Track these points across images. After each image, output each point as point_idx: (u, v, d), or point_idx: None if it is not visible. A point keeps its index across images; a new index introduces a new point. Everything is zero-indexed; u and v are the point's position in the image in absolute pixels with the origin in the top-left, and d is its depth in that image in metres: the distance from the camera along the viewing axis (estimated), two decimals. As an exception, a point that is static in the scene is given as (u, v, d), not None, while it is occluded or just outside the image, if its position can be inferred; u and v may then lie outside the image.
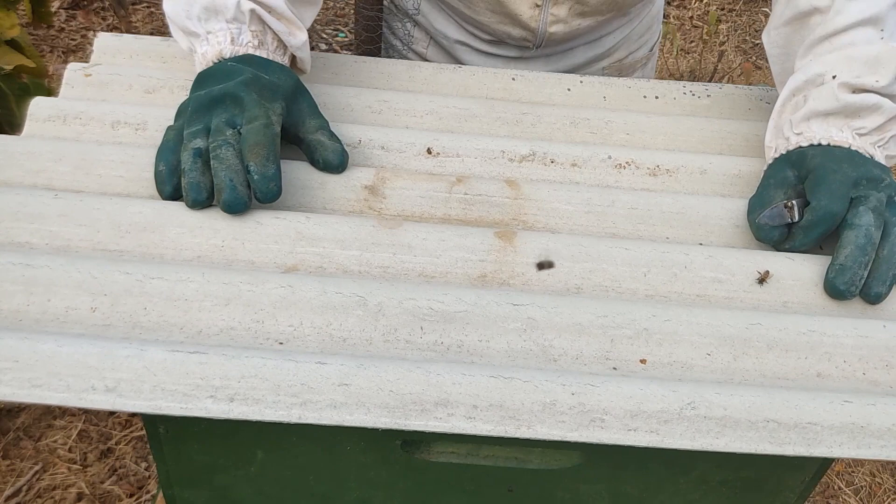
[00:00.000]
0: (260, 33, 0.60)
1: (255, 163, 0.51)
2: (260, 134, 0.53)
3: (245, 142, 0.53)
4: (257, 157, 0.52)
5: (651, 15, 0.92)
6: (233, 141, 0.53)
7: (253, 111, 0.54)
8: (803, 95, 0.60)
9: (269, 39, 0.61)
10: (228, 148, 0.52)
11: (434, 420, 0.44)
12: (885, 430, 0.46)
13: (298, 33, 0.63)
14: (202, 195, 0.52)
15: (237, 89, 0.55)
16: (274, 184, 0.52)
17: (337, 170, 0.58)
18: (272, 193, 0.52)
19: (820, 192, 0.55)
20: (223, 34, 0.59)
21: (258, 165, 0.51)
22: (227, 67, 0.58)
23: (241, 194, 0.51)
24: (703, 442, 0.45)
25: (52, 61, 2.27)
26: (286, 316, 0.48)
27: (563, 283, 0.53)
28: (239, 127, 0.54)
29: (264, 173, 0.51)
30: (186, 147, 0.53)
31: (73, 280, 0.47)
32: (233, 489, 0.58)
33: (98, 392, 0.42)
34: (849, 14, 0.59)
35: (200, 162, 0.53)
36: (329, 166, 0.57)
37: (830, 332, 0.51)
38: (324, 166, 0.58)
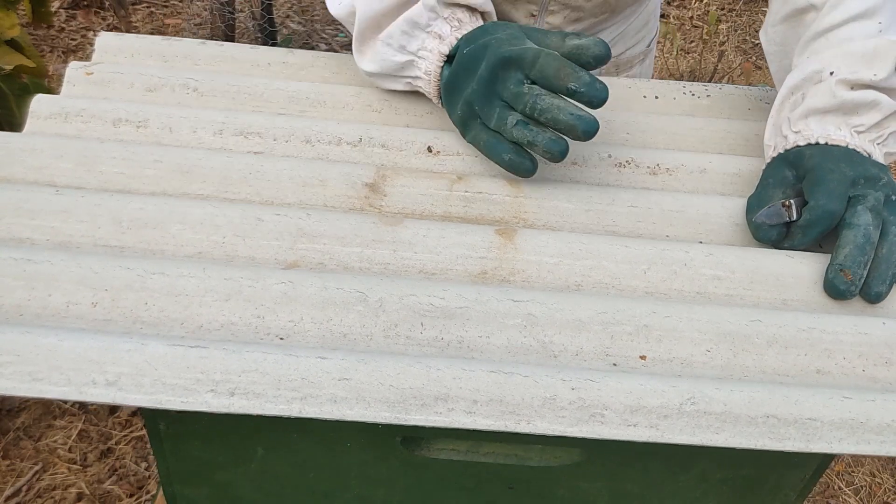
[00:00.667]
0: (452, 14, 0.61)
1: (572, 81, 0.53)
2: (551, 62, 0.54)
3: (546, 78, 0.54)
4: (569, 76, 0.53)
5: (647, 11, 0.92)
6: (538, 91, 0.55)
7: (526, 56, 0.55)
8: (801, 93, 0.61)
9: (462, 14, 0.62)
10: (542, 96, 0.54)
11: (434, 415, 0.44)
12: (884, 425, 0.46)
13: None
14: (562, 145, 0.55)
15: (498, 57, 0.56)
16: (599, 84, 0.53)
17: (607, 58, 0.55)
18: (603, 92, 0.53)
19: (818, 192, 0.55)
20: (429, 40, 0.61)
21: (575, 81, 0.53)
22: (462, 59, 0.59)
23: (587, 118, 0.53)
24: (702, 437, 0.45)
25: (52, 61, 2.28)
26: (287, 311, 0.48)
27: (564, 279, 0.53)
28: (527, 80, 0.55)
29: (584, 82, 0.53)
30: (506, 128, 0.56)
31: (74, 275, 0.47)
32: (233, 486, 0.58)
33: (99, 386, 0.42)
34: (844, 9, 0.59)
35: (532, 125, 0.55)
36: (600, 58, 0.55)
37: (830, 328, 0.51)
38: (596, 62, 0.56)
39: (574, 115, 0.53)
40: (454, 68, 0.60)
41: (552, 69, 0.54)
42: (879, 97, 0.57)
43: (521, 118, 0.56)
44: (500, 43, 0.57)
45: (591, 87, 0.53)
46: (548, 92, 0.55)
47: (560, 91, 0.54)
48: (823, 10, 0.61)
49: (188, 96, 0.67)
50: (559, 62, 0.54)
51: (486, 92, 0.57)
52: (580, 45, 0.56)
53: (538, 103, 0.54)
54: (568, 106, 0.54)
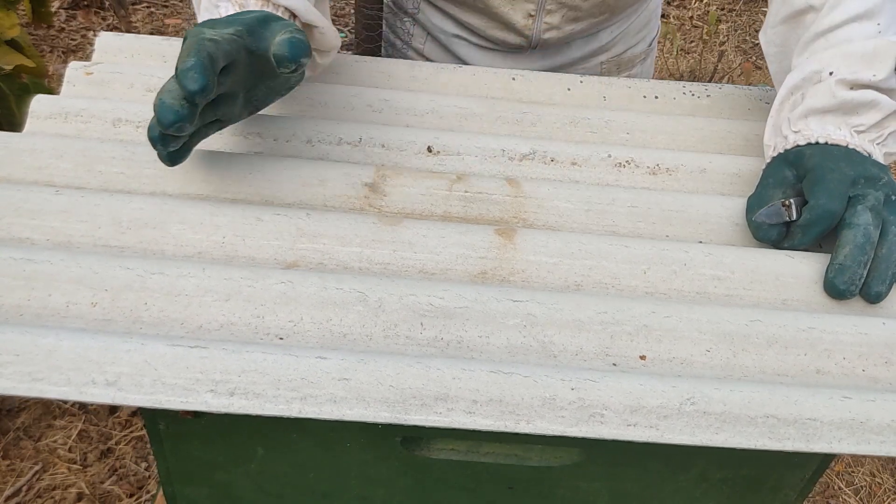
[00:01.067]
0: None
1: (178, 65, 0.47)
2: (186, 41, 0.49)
3: None
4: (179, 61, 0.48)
5: (649, 10, 0.92)
6: None
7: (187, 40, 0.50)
8: (801, 93, 0.61)
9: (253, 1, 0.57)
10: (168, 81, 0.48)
11: (434, 415, 0.44)
12: (884, 425, 0.46)
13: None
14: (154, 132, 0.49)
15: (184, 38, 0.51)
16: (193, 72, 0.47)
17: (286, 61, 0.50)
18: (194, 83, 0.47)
19: (818, 191, 0.55)
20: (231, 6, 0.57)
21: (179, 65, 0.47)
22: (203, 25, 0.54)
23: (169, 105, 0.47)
24: (702, 437, 0.45)
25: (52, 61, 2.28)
26: (286, 311, 0.48)
27: (563, 279, 0.53)
28: None
29: (183, 67, 0.47)
30: None
31: (74, 275, 0.47)
32: (233, 486, 0.58)
33: (98, 386, 0.42)
34: (843, 10, 0.59)
35: None
36: (279, 59, 0.50)
37: (830, 328, 0.51)
38: (276, 62, 0.51)
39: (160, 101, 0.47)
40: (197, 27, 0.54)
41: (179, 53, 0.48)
42: (879, 97, 0.57)
43: None
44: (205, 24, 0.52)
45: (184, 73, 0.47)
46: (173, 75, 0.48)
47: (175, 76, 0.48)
48: (822, 11, 0.61)
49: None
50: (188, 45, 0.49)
51: None
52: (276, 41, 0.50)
53: None
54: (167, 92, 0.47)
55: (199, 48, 0.48)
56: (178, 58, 0.48)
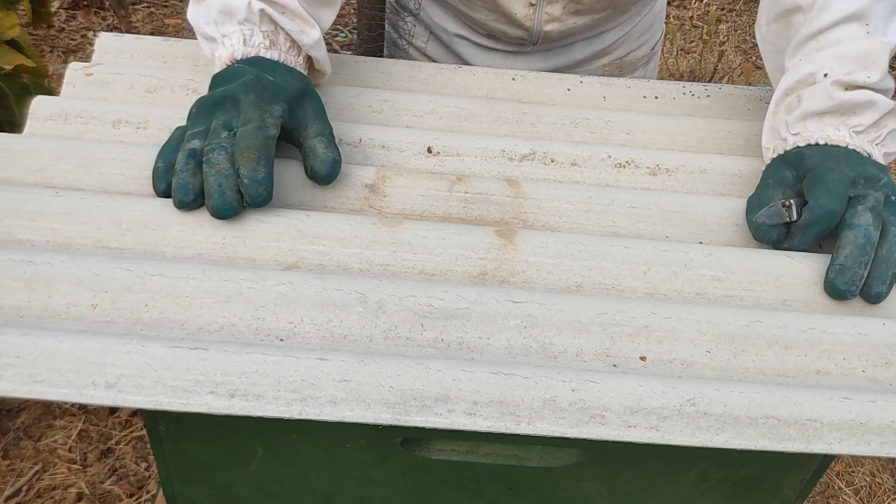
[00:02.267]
0: (271, 33, 0.60)
1: (245, 166, 0.50)
2: (252, 136, 0.52)
3: (237, 145, 0.52)
4: (247, 161, 0.51)
5: (652, 13, 0.92)
6: (226, 144, 0.52)
7: (248, 113, 0.53)
8: (796, 95, 0.61)
9: (282, 40, 0.60)
10: (220, 151, 0.51)
11: (434, 416, 0.44)
12: (884, 426, 0.46)
13: (311, 31, 0.61)
14: (189, 196, 0.51)
15: (237, 91, 0.54)
16: (263, 188, 0.51)
17: (323, 180, 0.55)
18: (261, 198, 0.51)
19: (818, 192, 0.55)
20: (236, 36, 0.59)
21: (248, 169, 0.50)
22: (234, 70, 0.57)
23: (229, 199, 0.51)
24: (702, 438, 0.45)
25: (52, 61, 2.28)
26: (287, 313, 0.48)
27: (564, 280, 0.53)
28: (235, 130, 0.53)
29: (254, 177, 0.51)
30: (183, 147, 0.53)
31: (74, 277, 0.47)
32: (233, 487, 0.58)
33: (99, 388, 0.42)
34: (833, 11, 0.59)
35: (193, 163, 0.52)
36: (316, 176, 0.55)
37: (830, 329, 0.51)
38: (311, 175, 0.56)
39: (220, 187, 0.50)
40: (223, 72, 0.58)
41: (245, 142, 0.51)
42: (875, 97, 0.57)
43: (197, 149, 0.52)
44: (257, 82, 0.55)
45: (252, 185, 0.50)
46: (230, 156, 0.52)
47: (234, 163, 0.51)
48: (812, 12, 0.61)
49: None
50: (257, 141, 0.51)
51: (209, 106, 0.55)
52: (312, 148, 0.55)
53: (214, 153, 0.51)
54: (226, 178, 0.51)
55: (267, 153, 0.52)
56: (244, 151, 0.51)
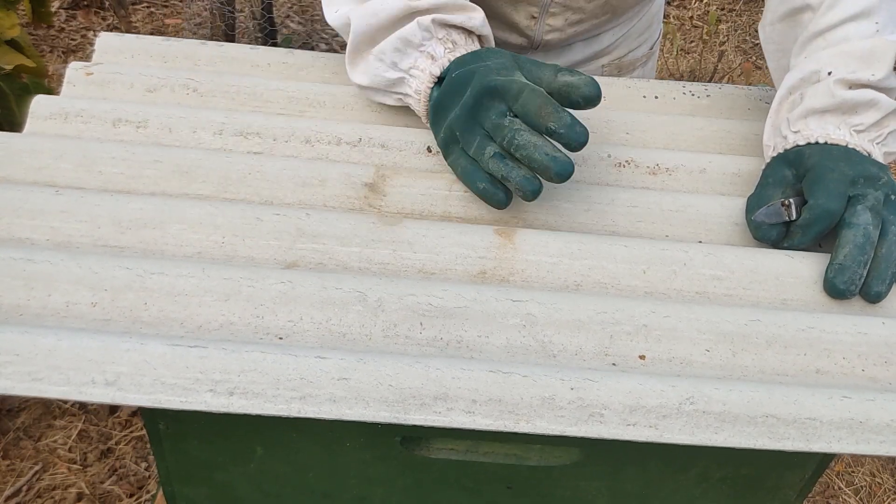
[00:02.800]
0: (447, 36, 0.60)
1: (552, 120, 0.52)
2: (534, 98, 0.53)
3: (527, 114, 0.53)
4: (550, 116, 0.52)
5: (651, 13, 0.92)
6: (518, 125, 0.53)
7: (511, 88, 0.54)
8: (800, 93, 0.61)
9: (457, 36, 0.61)
10: (521, 132, 0.53)
11: (433, 414, 0.44)
12: (883, 425, 0.46)
13: (475, 14, 0.62)
14: (535, 184, 0.53)
15: (484, 86, 0.55)
16: (579, 126, 0.52)
17: (596, 99, 0.54)
18: (583, 135, 0.52)
19: (817, 191, 0.55)
20: (422, 60, 0.60)
21: (556, 121, 0.52)
22: (451, 83, 0.58)
23: (563, 159, 0.52)
24: (701, 437, 0.45)
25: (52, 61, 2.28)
26: (286, 311, 0.48)
27: (563, 279, 0.53)
28: (510, 112, 0.54)
29: (564, 123, 0.51)
30: (483, 159, 0.55)
31: (74, 275, 0.47)
32: (232, 486, 0.58)
33: (98, 386, 0.42)
34: (841, 9, 0.60)
35: (509, 159, 0.54)
36: (589, 98, 0.54)
37: (829, 328, 0.51)
38: (584, 102, 0.54)
39: (549, 155, 0.52)
40: (442, 90, 0.59)
41: (534, 106, 0.53)
42: (878, 96, 0.57)
43: (499, 150, 0.54)
44: (489, 71, 0.56)
45: (571, 129, 0.52)
46: (528, 128, 0.53)
47: (540, 129, 0.53)
48: (820, 10, 0.61)
49: (188, 96, 0.67)
50: (542, 99, 0.53)
51: (468, 119, 0.56)
52: (570, 84, 0.54)
53: (516, 138, 0.53)
54: (545, 145, 0.52)
55: (555, 103, 0.53)
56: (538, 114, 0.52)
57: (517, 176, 0.53)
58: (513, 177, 0.53)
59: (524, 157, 0.53)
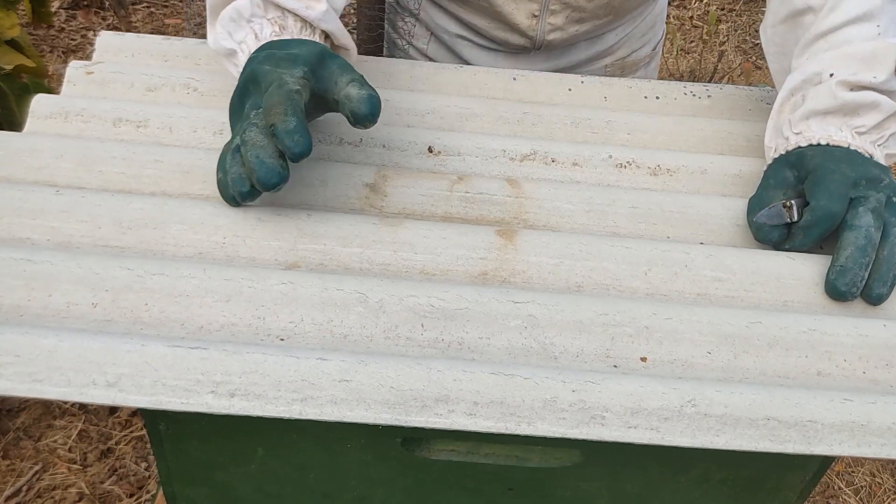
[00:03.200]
0: (279, 19, 0.58)
1: (276, 122, 0.48)
2: (273, 95, 0.49)
3: (264, 110, 0.49)
4: (275, 117, 0.48)
5: (654, 14, 0.92)
6: (256, 121, 0.50)
7: (266, 80, 0.51)
8: (801, 95, 0.61)
9: (291, 23, 0.58)
10: (252, 128, 0.49)
11: (434, 416, 0.44)
12: (885, 428, 0.46)
13: (316, 5, 0.58)
14: (246, 186, 0.50)
15: (249, 73, 0.53)
16: (298, 135, 0.47)
17: (367, 119, 0.51)
18: (299, 147, 0.47)
19: (819, 193, 0.55)
20: (248, 36, 0.58)
21: (278, 123, 0.47)
22: (249, 61, 0.56)
23: (270, 165, 0.47)
24: (702, 439, 0.45)
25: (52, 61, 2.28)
26: (287, 312, 0.48)
27: (564, 280, 0.53)
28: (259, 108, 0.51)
29: (285, 128, 0.47)
30: (227, 150, 0.52)
31: (75, 275, 0.47)
32: (233, 486, 0.58)
33: (99, 387, 0.42)
34: (843, 11, 0.59)
35: (239, 156, 0.50)
36: (358, 118, 0.51)
37: (831, 330, 0.51)
38: (355, 120, 0.51)
39: (259, 159, 0.47)
40: (243, 70, 0.55)
41: (270, 102, 0.49)
42: (880, 98, 0.57)
43: (239, 143, 0.50)
44: (268, 59, 0.52)
45: (289, 136, 0.47)
46: (265, 126, 0.49)
47: (268, 128, 0.48)
48: (822, 12, 0.61)
49: (188, 96, 0.67)
50: (279, 97, 0.48)
51: (238, 104, 0.53)
52: (347, 96, 0.51)
53: (246, 133, 0.49)
54: (264, 148, 0.48)
55: (293, 104, 0.49)
56: (269, 111, 0.48)
57: (234, 174, 0.50)
58: (230, 174, 0.50)
59: (243, 154, 0.49)
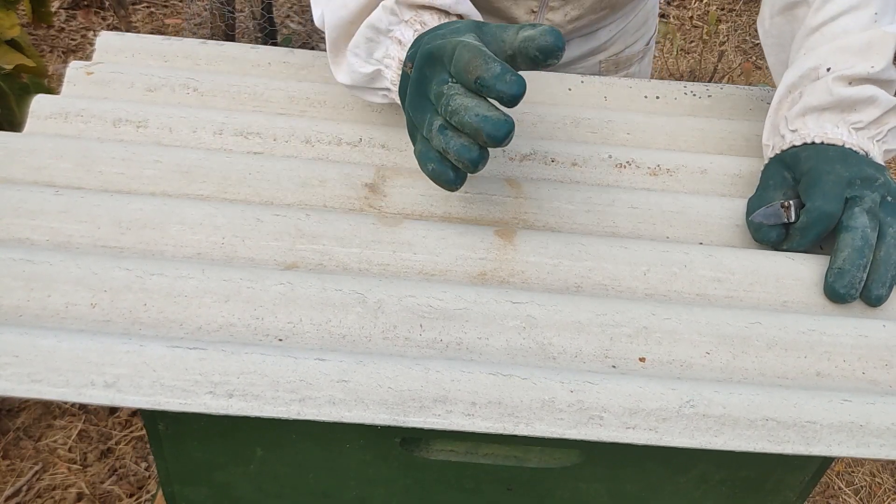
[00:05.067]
0: (416, 17, 0.55)
1: (480, 73, 0.45)
2: (462, 56, 0.46)
3: (459, 73, 0.47)
4: (477, 69, 0.45)
5: (646, 10, 0.92)
6: (455, 89, 0.47)
7: (447, 51, 0.48)
8: (799, 91, 0.60)
9: (428, 17, 0.55)
10: (454, 96, 0.47)
11: (433, 417, 0.44)
12: (884, 429, 0.46)
13: None
14: (474, 151, 0.47)
15: (423, 54, 0.50)
16: (509, 75, 0.45)
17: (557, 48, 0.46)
18: (515, 85, 0.45)
19: (814, 194, 0.55)
20: (392, 47, 0.56)
21: (484, 73, 0.45)
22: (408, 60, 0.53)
23: (495, 117, 0.45)
24: (701, 440, 0.45)
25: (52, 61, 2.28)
26: (286, 313, 0.48)
27: (563, 281, 0.53)
28: (450, 77, 0.48)
29: (492, 74, 0.45)
30: (431, 134, 0.49)
31: (74, 276, 0.47)
32: (232, 487, 0.58)
33: (97, 387, 0.42)
34: (837, 2, 0.59)
35: (449, 130, 0.48)
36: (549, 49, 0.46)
37: (830, 331, 0.51)
38: (544, 55, 0.47)
39: (480, 115, 0.45)
40: (401, 76, 0.54)
41: (463, 61, 0.46)
42: (877, 92, 0.57)
43: (443, 122, 0.48)
44: (433, 39, 0.50)
45: (500, 79, 0.44)
46: (465, 90, 0.47)
47: (472, 87, 0.46)
48: (815, 3, 0.61)
49: (188, 96, 0.67)
50: (471, 52, 0.46)
51: (416, 95, 0.51)
52: (528, 37, 0.47)
53: (450, 104, 0.47)
54: (478, 105, 0.46)
55: (486, 53, 0.46)
56: (467, 68, 0.46)
57: (455, 146, 0.47)
58: (451, 147, 0.47)
59: (458, 122, 0.46)
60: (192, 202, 0.53)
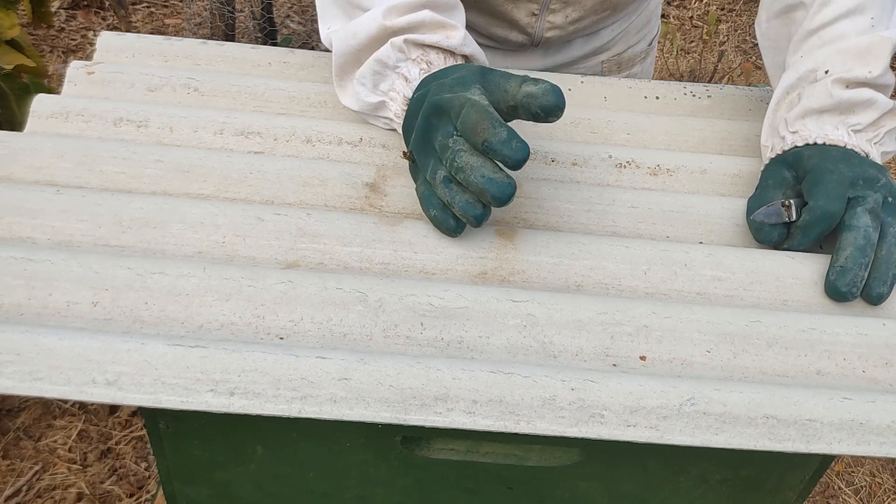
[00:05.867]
0: (423, 56, 0.58)
1: (487, 137, 0.48)
2: (470, 115, 0.49)
3: (466, 132, 0.49)
4: (484, 132, 0.48)
5: (649, 10, 0.92)
6: (461, 145, 0.50)
7: (454, 105, 0.51)
8: (797, 93, 0.61)
9: (434, 56, 0.59)
10: (460, 153, 0.49)
11: (434, 415, 0.44)
12: (884, 427, 0.46)
13: (454, 33, 0.59)
14: (478, 208, 0.50)
15: (430, 105, 0.52)
16: (515, 141, 0.47)
17: (557, 109, 0.49)
18: (519, 151, 0.47)
19: (817, 193, 0.55)
20: (398, 82, 0.58)
21: (491, 137, 0.47)
22: (411, 105, 0.56)
23: (499, 179, 0.48)
24: (702, 438, 0.45)
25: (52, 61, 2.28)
26: (287, 311, 0.48)
27: (564, 280, 0.53)
28: (455, 131, 0.51)
29: (499, 139, 0.47)
30: (434, 183, 0.52)
31: (75, 274, 0.47)
32: (233, 485, 0.58)
33: (98, 385, 0.42)
34: (835, 5, 0.60)
35: (454, 185, 0.51)
36: (550, 109, 0.49)
37: (830, 329, 0.51)
38: (545, 114, 0.49)
39: (486, 177, 0.48)
40: (406, 113, 0.57)
41: (471, 121, 0.49)
42: (875, 95, 0.57)
43: (447, 174, 0.51)
44: (441, 88, 0.53)
45: (506, 145, 0.47)
46: (470, 148, 0.50)
47: (478, 147, 0.49)
48: (813, 7, 0.61)
49: (189, 96, 0.67)
50: (479, 114, 0.48)
51: (421, 141, 0.53)
52: (529, 94, 0.49)
53: (456, 160, 0.49)
54: (484, 166, 0.48)
55: (494, 116, 0.49)
56: (475, 129, 0.48)
57: (460, 202, 0.50)
58: (456, 203, 0.50)
59: (464, 180, 0.49)
60: (193, 201, 0.54)
